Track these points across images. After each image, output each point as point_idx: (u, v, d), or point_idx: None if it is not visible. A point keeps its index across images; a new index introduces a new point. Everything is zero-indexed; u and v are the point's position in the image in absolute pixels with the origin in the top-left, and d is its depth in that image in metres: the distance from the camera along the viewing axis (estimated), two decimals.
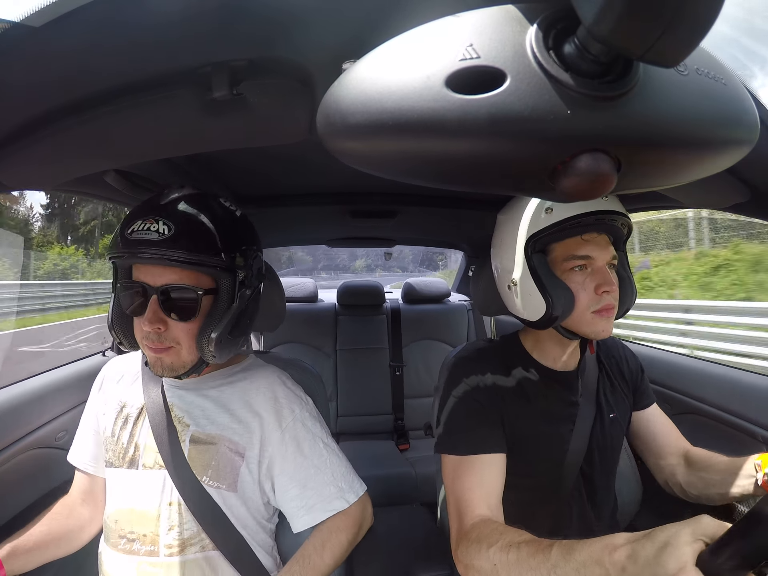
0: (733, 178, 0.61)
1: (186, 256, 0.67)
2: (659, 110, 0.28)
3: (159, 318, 0.71)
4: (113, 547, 0.77)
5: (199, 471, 0.77)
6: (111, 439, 0.84)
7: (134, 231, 0.68)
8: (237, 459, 0.79)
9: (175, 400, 0.83)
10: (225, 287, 0.73)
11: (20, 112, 0.50)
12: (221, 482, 0.78)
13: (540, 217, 0.76)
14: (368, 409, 2.23)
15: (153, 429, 0.79)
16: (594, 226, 0.76)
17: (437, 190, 1.30)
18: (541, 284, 0.76)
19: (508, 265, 0.82)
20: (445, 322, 2.38)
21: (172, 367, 0.75)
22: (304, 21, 0.39)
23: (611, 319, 0.78)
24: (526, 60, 0.26)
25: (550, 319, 0.76)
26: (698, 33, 0.23)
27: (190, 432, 0.80)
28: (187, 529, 0.76)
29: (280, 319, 1.06)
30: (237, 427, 0.80)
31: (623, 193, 0.33)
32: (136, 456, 0.80)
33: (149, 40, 0.40)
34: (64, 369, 1.22)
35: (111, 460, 0.82)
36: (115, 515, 0.79)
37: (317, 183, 1.26)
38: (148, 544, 0.75)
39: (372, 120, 0.28)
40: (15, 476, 0.95)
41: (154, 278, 0.71)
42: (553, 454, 0.84)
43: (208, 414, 0.81)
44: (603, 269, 0.77)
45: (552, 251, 0.79)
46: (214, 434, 0.79)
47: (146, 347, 0.74)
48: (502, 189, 0.34)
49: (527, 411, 0.83)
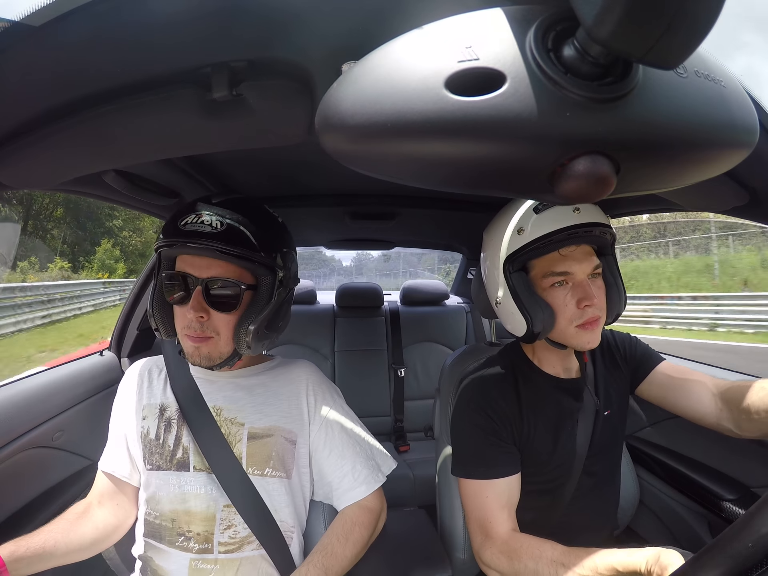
0: (731, 181, 0.61)
1: (234, 250, 0.72)
2: (659, 113, 0.28)
3: (203, 307, 0.75)
4: (169, 544, 0.79)
5: (261, 464, 0.81)
6: (156, 443, 0.84)
7: (188, 223, 0.73)
8: (291, 446, 0.84)
9: (221, 402, 0.85)
10: (265, 284, 0.79)
11: (20, 112, 0.49)
12: (282, 471, 0.82)
13: (514, 238, 0.77)
14: (367, 410, 2.22)
15: (197, 436, 0.81)
16: (569, 240, 0.75)
17: (437, 192, 1.30)
18: (520, 302, 0.76)
19: (492, 284, 0.84)
20: (443, 325, 2.38)
21: (209, 357, 0.78)
22: (303, 22, 0.39)
23: (597, 330, 0.78)
24: (526, 62, 0.26)
25: (532, 336, 0.77)
26: (698, 35, 0.23)
27: (246, 430, 0.83)
28: (244, 529, 0.79)
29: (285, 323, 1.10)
30: (288, 415, 0.85)
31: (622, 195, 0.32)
32: (185, 458, 0.82)
33: (149, 40, 0.40)
34: (61, 369, 1.22)
35: (158, 463, 0.83)
36: (172, 515, 0.80)
37: (316, 184, 1.26)
38: (203, 542, 0.78)
39: (371, 122, 0.27)
40: (12, 476, 0.94)
41: (200, 270, 0.76)
42: (559, 459, 0.85)
43: (260, 408, 0.84)
44: (584, 283, 0.76)
45: (532, 269, 0.80)
46: (271, 426, 0.83)
47: (186, 337, 0.78)
48: (500, 191, 0.34)
49: (536, 422, 0.84)
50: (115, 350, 1.45)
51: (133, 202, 1.05)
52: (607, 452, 0.89)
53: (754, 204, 0.65)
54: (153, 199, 1.02)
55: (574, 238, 0.75)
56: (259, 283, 0.79)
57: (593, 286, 0.77)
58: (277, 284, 0.78)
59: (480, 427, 0.83)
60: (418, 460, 1.93)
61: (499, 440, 0.82)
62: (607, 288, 0.81)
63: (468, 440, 0.85)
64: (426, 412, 2.32)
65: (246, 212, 0.77)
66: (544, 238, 0.73)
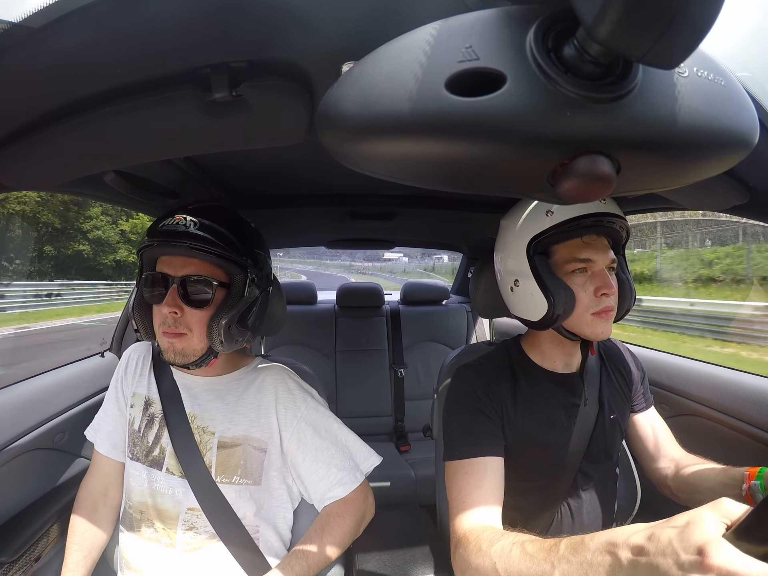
0: (732, 180, 0.61)
1: (207, 246, 0.76)
2: (659, 112, 0.28)
3: (176, 304, 0.78)
4: (139, 534, 0.83)
5: (229, 472, 0.83)
6: (137, 434, 0.88)
7: (165, 225, 0.78)
8: (260, 455, 0.86)
9: (196, 409, 0.87)
10: (237, 282, 0.82)
11: (20, 113, 0.49)
12: (249, 478, 0.84)
13: (541, 219, 0.78)
14: (368, 410, 2.23)
15: (174, 441, 0.85)
16: (593, 228, 0.77)
17: (436, 192, 1.30)
18: (542, 284, 0.77)
19: (511, 267, 0.84)
20: (444, 324, 2.38)
21: (183, 353, 0.80)
22: (303, 22, 0.39)
23: (610, 321, 0.79)
24: (526, 62, 0.26)
25: (551, 318, 0.77)
26: (698, 35, 0.23)
27: (216, 439, 0.85)
28: (204, 531, 0.82)
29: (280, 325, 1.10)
30: (257, 424, 0.87)
31: (622, 195, 0.33)
32: (161, 458, 0.85)
33: (148, 41, 0.40)
34: (62, 370, 1.22)
35: (137, 455, 0.87)
36: (141, 507, 0.84)
37: (316, 184, 1.26)
38: (166, 537, 0.82)
39: (371, 121, 0.27)
40: (13, 477, 0.94)
41: (176, 269, 0.80)
42: (554, 458, 0.84)
43: (230, 417, 0.87)
44: (603, 272, 0.78)
45: (554, 254, 0.81)
46: (239, 435, 0.85)
47: (162, 333, 0.81)
48: (501, 191, 0.34)
49: (530, 417, 0.84)
50: (116, 351, 1.45)
51: (132, 203, 1.05)
52: (606, 456, 0.89)
53: (755, 203, 0.65)
54: (153, 200, 1.03)
55: (599, 226, 0.77)
56: (232, 281, 0.82)
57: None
58: (248, 282, 0.82)
59: (470, 409, 0.83)
60: (419, 459, 1.93)
61: (487, 419, 0.82)
62: (620, 284, 0.82)
63: (457, 423, 0.84)
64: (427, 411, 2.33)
65: (220, 215, 0.82)
66: (572, 221, 0.75)
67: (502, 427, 0.83)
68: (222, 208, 0.88)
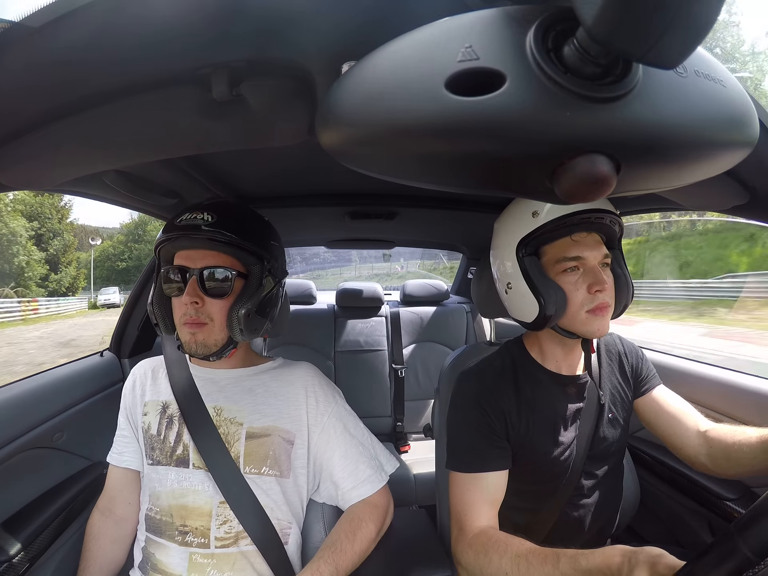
0: (732, 181, 0.61)
1: (225, 238, 0.79)
2: (659, 112, 0.28)
3: (197, 294, 0.81)
4: (169, 539, 0.82)
5: (258, 462, 0.84)
6: (157, 438, 0.88)
7: (183, 220, 0.80)
8: (288, 446, 0.86)
9: (223, 401, 0.87)
10: (254, 272, 0.85)
11: (20, 112, 0.49)
12: (277, 470, 0.85)
13: (528, 221, 0.78)
14: (368, 411, 2.22)
15: (194, 436, 0.85)
16: (581, 225, 0.77)
17: (437, 192, 1.30)
18: (533, 285, 0.78)
19: (504, 270, 0.85)
20: (444, 324, 2.37)
21: (204, 344, 0.82)
22: (303, 22, 0.39)
23: (606, 317, 0.79)
24: (526, 61, 0.26)
25: (544, 319, 0.78)
26: (698, 34, 0.23)
27: (245, 429, 0.85)
28: (238, 525, 0.81)
29: (284, 324, 1.13)
30: (286, 416, 0.87)
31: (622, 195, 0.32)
32: (185, 455, 0.85)
33: (148, 40, 0.40)
34: (61, 369, 1.22)
35: (158, 458, 0.87)
36: (170, 510, 0.83)
37: (316, 184, 1.26)
38: (200, 537, 0.81)
39: (371, 121, 0.27)
40: (12, 476, 0.94)
41: (195, 261, 0.82)
42: (558, 461, 0.84)
43: (259, 408, 0.87)
44: (595, 269, 0.78)
45: (544, 254, 0.81)
46: (268, 425, 0.86)
47: (183, 324, 0.82)
48: (501, 191, 0.33)
49: (533, 421, 0.84)
50: (116, 351, 1.45)
51: (133, 203, 1.05)
52: (609, 455, 0.89)
53: (755, 203, 0.65)
54: (153, 200, 1.03)
55: (587, 223, 0.77)
56: (249, 271, 0.85)
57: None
58: (265, 272, 0.85)
59: (474, 420, 0.83)
60: (419, 460, 1.93)
61: (491, 434, 0.82)
62: (615, 279, 0.82)
63: (461, 433, 0.85)
64: (426, 412, 2.33)
65: (234, 210, 0.86)
66: (558, 221, 0.75)
67: (507, 435, 0.83)
68: (236, 204, 0.91)
